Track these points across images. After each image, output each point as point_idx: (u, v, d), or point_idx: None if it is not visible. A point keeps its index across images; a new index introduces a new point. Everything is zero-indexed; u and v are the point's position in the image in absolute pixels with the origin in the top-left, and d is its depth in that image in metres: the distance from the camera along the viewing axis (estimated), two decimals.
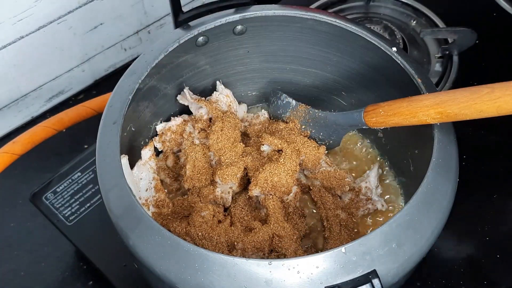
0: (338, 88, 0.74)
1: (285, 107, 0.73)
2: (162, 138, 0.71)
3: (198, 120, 0.71)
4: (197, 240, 0.61)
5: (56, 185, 0.74)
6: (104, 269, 0.69)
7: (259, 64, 0.75)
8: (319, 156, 0.68)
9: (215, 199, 0.67)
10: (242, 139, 0.72)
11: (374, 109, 0.61)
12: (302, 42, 0.71)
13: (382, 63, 0.65)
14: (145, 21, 0.93)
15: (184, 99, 0.72)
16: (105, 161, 0.57)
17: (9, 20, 0.77)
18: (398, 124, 0.59)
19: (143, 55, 0.64)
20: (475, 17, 0.95)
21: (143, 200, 0.65)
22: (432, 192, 0.53)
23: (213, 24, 0.66)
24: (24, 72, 0.84)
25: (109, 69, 0.95)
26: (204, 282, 0.49)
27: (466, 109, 0.51)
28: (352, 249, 0.49)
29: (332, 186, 0.68)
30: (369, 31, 0.65)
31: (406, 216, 0.52)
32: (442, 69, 0.87)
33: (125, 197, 0.54)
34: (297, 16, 0.67)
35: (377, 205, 0.68)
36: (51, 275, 0.75)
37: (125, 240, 0.53)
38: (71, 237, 0.71)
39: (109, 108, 0.60)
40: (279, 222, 0.63)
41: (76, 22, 0.84)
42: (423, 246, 0.52)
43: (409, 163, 0.68)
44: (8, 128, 0.88)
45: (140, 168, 0.66)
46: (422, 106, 0.55)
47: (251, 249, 0.61)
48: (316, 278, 0.48)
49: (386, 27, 0.90)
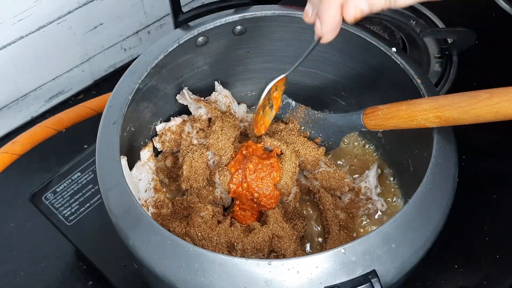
0: (338, 88, 0.74)
1: (285, 108, 0.73)
2: (162, 139, 0.71)
3: (197, 120, 0.71)
4: (196, 241, 0.61)
5: (56, 185, 0.74)
6: (104, 269, 0.69)
7: (259, 64, 0.75)
8: (318, 157, 0.68)
9: (215, 199, 0.67)
10: (242, 139, 0.72)
11: (373, 112, 0.61)
12: (302, 42, 0.71)
13: (381, 64, 0.65)
14: (145, 21, 0.93)
15: (183, 99, 0.72)
16: (105, 161, 0.57)
17: (9, 20, 0.77)
18: (397, 127, 0.59)
19: (143, 55, 0.64)
20: (475, 17, 0.95)
21: (142, 201, 0.65)
22: (431, 192, 0.53)
23: (213, 24, 0.66)
24: (24, 72, 0.84)
25: (109, 69, 0.95)
26: (203, 282, 0.49)
27: (464, 114, 0.51)
28: (351, 249, 0.49)
29: (331, 187, 0.69)
30: (368, 32, 0.65)
31: (405, 216, 0.52)
32: (441, 69, 0.87)
33: (125, 197, 0.54)
34: (297, 16, 0.67)
35: (377, 205, 0.68)
36: (51, 275, 0.75)
37: (125, 240, 0.53)
38: (71, 237, 0.71)
39: (109, 108, 0.60)
40: (278, 222, 0.63)
41: (76, 22, 0.84)
42: (423, 246, 0.52)
43: (408, 163, 0.68)
44: (8, 128, 0.89)
45: (139, 169, 0.66)
46: (421, 110, 0.55)
47: (251, 250, 0.61)
48: (315, 278, 0.48)
49: (385, 27, 0.90)
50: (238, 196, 0.66)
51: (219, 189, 0.67)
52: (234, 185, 0.65)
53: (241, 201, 0.66)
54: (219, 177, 0.66)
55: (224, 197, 0.68)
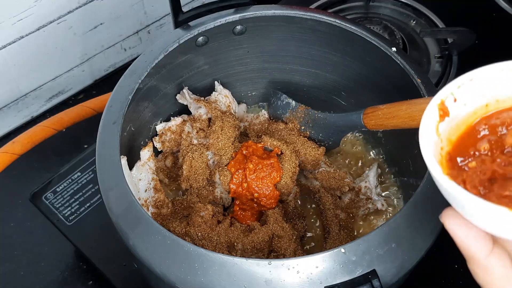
0: (338, 88, 0.74)
1: (285, 107, 0.73)
2: (162, 138, 0.71)
3: (197, 120, 0.71)
4: (196, 240, 0.61)
5: (56, 185, 0.74)
6: (104, 269, 0.69)
7: (259, 64, 0.75)
8: (318, 157, 0.68)
9: (215, 199, 0.67)
10: (242, 139, 0.72)
11: (373, 112, 0.61)
12: (302, 42, 0.71)
13: (381, 63, 0.65)
14: (145, 21, 0.93)
15: (183, 99, 0.72)
16: (105, 161, 0.57)
17: (9, 20, 0.77)
18: (397, 127, 0.59)
19: (143, 55, 0.64)
20: (475, 17, 0.95)
21: (142, 200, 0.65)
22: (431, 192, 0.53)
23: (213, 24, 0.66)
24: (24, 72, 0.84)
25: (109, 69, 0.95)
26: (204, 282, 0.49)
27: None
28: (351, 249, 0.49)
29: (331, 187, 0.69)
30: (368, 31, 0.65)
31: (405, 216, 0.52)
32: (441, 69, 0.87)
33: (125, 197, 0.54)
34: (297, 16, 0.67)
35: (377, 205, 0.68)
36: (51, 275, 0.75)
37: (125, 240, 0.53)
38: (71, 237, 0.71)
39: (109, 108, 0.60)
40: (278, 222, 0.63)
41: (76, 22, 0.84)
42: (423, 246, 0.52)
43: (408, 163, 0.68)
44: (8, 128, 0.89)
45: (139, 169, 0.66)
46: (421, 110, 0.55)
47: (251, 249, 0.61)
48: (315, 278, 0.48)
49: (385, 27, 0.90)
50: (238, 196, 0.66)
51: (219, 189, 0.67)
52: (234, 185, 0.65)
53: (241, 201, 0.66)
54: (219, 177, 0.66)
55: (224, 197, 0.68)
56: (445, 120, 0.38)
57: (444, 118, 0.38)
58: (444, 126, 0.38)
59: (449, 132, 0.39)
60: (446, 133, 0.39)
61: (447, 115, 0.38)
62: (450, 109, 0.39)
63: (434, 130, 0.38)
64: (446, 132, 0.39)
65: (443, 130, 0.38)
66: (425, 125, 0.38)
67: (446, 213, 0.37)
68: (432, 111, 0.38)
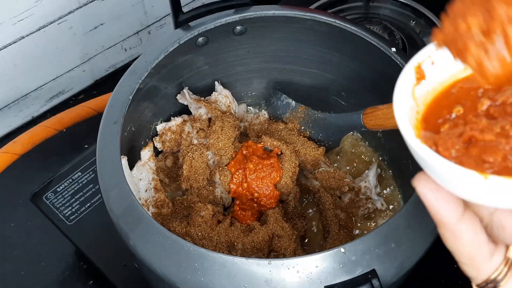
0: (338, 88, 0.74)
1: (285, 107, 0.74)
2: (162, 138, 0.71)
3: (197, 120, 0.71)
4: (197, 240, 0.61)
5: (57, 184, 0.74)
6: (104, 268, 0.69)
7: (259, 64, 0.75)
8: (318, 157, 0.68)
9: (215, 199, 0.67)
10: (242, 139, 0.72)
11: (373, 112, 0.61)
12: (302, 42, 0.71)
13: (381, 64, 0.65)
14: (145, 22, 0.93)
15: (184, 99, 0.72)
16: (106, 161, 0.57)
17: (9, 20, 0.77)
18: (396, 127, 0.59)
19: (143, 55, 0.64)
20: None
21: (143, 200, 0.65)
22: None
23: (213, 25, 0.66)
24: (25, 72, 0.84)
25: (109, 69, 0.95)
26: (204, 281, 0.49)
27: None
28: (351, 248, 0.49)
29: (331, 187, 0.69)
30: (368, 32, 0.65)
31: (405, 215, 0.52)
32: None
33: (126, 197, 0.54)
34: (297, 17, 0.67)
35: (376, 204, 0.68)
36: (51, 275, 0.75)
37: (125, 239, 0.53)
38: (71, 236, 0.71)
39: (110, 108, 0.61)
40: (278, 222, 0.63)
41: (76, 22, 0.84)
42: (422, 245, 0.52)
43: (408, 163, 0.68)
44: (9, 128, 0.89)
45: (139, 169, 0.66)
46: None
47: (251, 249, 0.61)
48: (315, 278, 0.48)
49: (385, 27, 0.90)
50: (238, 196, 0.66)
51: (219, 189, 0.67)
52: (234, 185, 0.66)
53: (241, 201, 0.66)
54: (219, 177, 0.66)
55: (224, 196, 0.68)
56: (421, 83, 0.37)
57: (420, 81, 0.37)
58: (421, 89, 0.37)
59: (426, 96, 0.38)
60: (423, 98, 0.37)
61: (423, 78, 0.38)
62: (427, 72, 0.37)
63: (410, 94, 0.37)
64: (423, 97, 0.37)
65: (420, 94, 0.37)
66: (401, 88, 0.37)
67: (418, 177, 0.36)
68: (408, 74, 0.37)
